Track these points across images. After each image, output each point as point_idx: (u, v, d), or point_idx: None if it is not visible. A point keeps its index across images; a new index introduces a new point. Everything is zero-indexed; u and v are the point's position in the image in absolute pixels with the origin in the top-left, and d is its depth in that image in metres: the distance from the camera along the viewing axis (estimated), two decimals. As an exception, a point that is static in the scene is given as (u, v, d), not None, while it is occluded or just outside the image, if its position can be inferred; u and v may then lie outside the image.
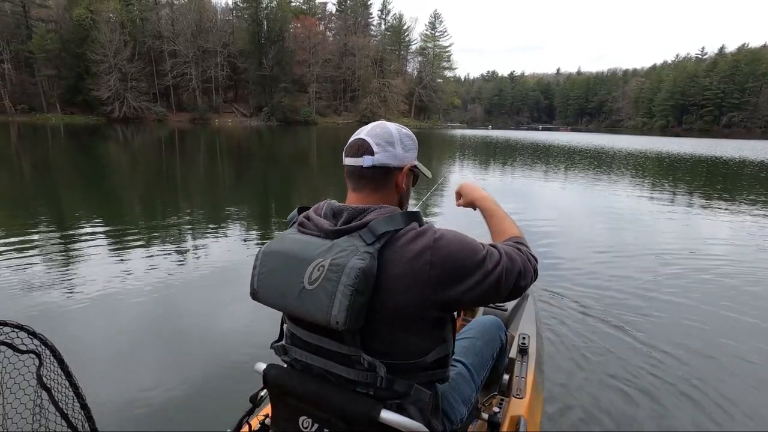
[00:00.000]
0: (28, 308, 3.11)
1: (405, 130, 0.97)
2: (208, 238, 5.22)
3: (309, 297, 0.81)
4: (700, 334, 3.05)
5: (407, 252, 0.81)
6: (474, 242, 0.87)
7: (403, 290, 0.80)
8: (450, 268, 0.81)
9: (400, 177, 0.95)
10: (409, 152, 0.96)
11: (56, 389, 0.92)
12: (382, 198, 0.93)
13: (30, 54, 44.33)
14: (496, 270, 0.85)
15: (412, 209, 0.94)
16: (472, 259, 0.84)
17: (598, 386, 2.40)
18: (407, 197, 1.01)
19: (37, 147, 18.63)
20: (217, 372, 2.42)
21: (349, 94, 63.82)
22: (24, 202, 7.37)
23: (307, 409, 0.87)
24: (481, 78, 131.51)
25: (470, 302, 0.86)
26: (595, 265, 4.45)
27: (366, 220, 0.84)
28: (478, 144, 27.90)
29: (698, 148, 28.18)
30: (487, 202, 1.23)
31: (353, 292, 0.76)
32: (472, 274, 0.83)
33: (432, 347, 0.87)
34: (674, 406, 2.24)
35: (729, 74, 72.52)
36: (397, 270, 0.80)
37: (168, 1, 54.77)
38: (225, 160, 15.93)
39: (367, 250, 0.79)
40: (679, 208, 8.21)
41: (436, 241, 0.82)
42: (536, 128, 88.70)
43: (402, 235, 0.83)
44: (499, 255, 0.88)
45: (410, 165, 0.97)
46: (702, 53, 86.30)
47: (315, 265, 0.81)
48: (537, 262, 0.97)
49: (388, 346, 0.84)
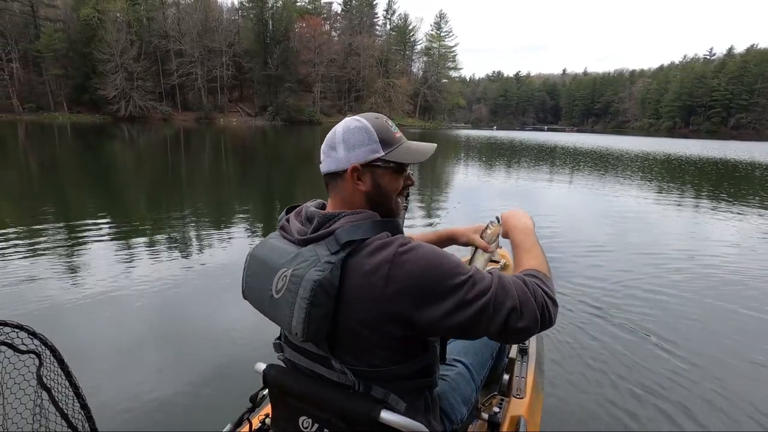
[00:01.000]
0: (28, 308, 3.12)
1: (355, 124, 0.88)
2: (211, 237, 5.23)
3: (276, 305, 0.82)
4: (702, 334, 3.03)
5: (366, 264, 0.77)
6: (453, 264, 0.77)
7: (359, 302, 0.77)
8: (411, 287, 0.75)
9: (348, 179, 0.87)
10: (353, 150, 0.86)
11: (56, 389, 0.92)
12: (346, 203, 0.89)
13: (38, 53, 44.66)
14: (479, 302, 0.75)
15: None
16: (442, 283, 0.75)
17: (598, 386, 2.39)
18: (386, 196, 0.90)
19: (45, 145, 18.80)
20: (218, 372, 2.41)
21: (353, 94, 63.82)
22: (29, 200, 7.42)
23: (307, 409, 0.86)
24: (487, 78, 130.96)
25: (450, 332, 0.79)
26: (596, 265, 4.42)
27: (332, 228, 0.81)
28: (481, 145, 27.74)
29: (707, 150, 27.89)
30: (521, 234, 1.06)
31: (308, 305, 0.75)
32: (442, 299, 0.75)
33: (403, 360, 0.83)
34: (675, 406, 2.23)
35: (737, 75, 71.81)
36: (355, 281, 0.77)
37: (174, 1, 54.98)
38: (230, 159, 15.99)
39: (329, 259, 0.76)
40: (686, 209, 8.15)
41: (398, 255, 0.76)
42: (541, 129, 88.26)
43: (367, 245, 0.79)
44: (489, 285, 0.77)
45: (355, 165, 0.86)
46: (710, 54, 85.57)
47: (280, 274, 0.81)
48: (554, 304, 0.82)
49: (353, 355, 0.82)
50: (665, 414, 2.17)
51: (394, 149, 0.88)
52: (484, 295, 0.75)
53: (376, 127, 0.88)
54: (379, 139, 0.87)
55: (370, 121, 0.89)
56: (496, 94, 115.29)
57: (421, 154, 0.92)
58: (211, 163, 14.50)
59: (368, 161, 0.86)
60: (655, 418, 2.15)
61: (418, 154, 0.91)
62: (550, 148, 25.98)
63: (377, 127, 0.88)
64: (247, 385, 1.14)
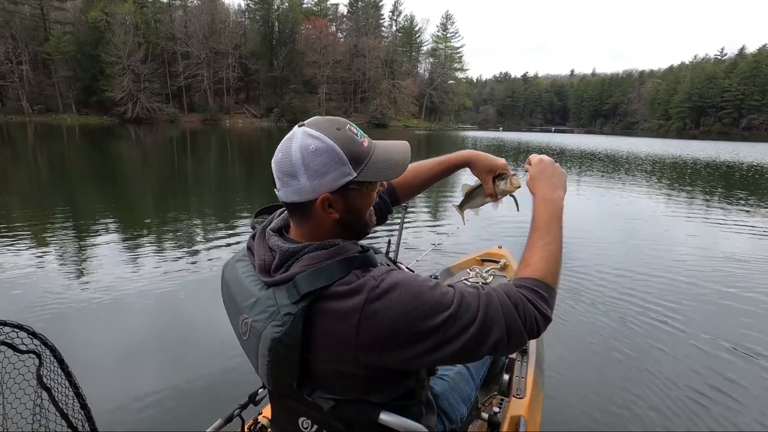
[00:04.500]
0: (29, 308, 3.11)
1: (315, 144, 0.71)
2: (215, 238, 5.17)
3: (245, 346, 0.80)
4: (705, 335, 2.99)
5: (334, 311, 0.69)
6: (432, 302, 0.69)
7: (329, 347, 0.71)
8: (386, 339, 0.68)
9: (317, 209, 0.75)
10: (321, 178, 0.72)
11: (56, 389, 0.92)
12: (313, 231, 0.78)
13: (47, 56, 45.37)
14: (461, 338, 0.69)
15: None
16: (419, 326, 0.68)
17: (599, 386, 2.39)
18: (359, 216, 0.81)
19: (53, 147, 19.02)
20: (218, 372, 2.41)
21: (359, 95, 64.03)
22: (36, 199, 7.48)
23: (306, 410, 0.84)
24: (494, 79, 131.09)
25: (428, 366, 0.77)
26: (596, 265, 4.37)
27: (291, 274, 0.71)
28: (485, 147, 27.44)
29: (720, 152, 27.34)
30: (545, 207, 0.90)
31: (269, 363, 0.72)
32: (419, 341, 0.69)
33: (380, 390, 0.78)
34: (675, 407, 2.23)
35: (749, 75, 70.86)
36: (323, 326, 0.70)
37: (181, 3, 55.59)
38: (235, 161, 16.05)
39: (290, 310, 0.69)
40: (696, 212, 7.97)
41: (368, 303, 0.67)
42: (548, 130, 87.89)
43: (333, 291, 0.70)
44: (473, 318, 0.70)
45: (326, 195, 0.73)
46: (721, 54, 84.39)
47: (242, 319, 0.77)
48: (546, 321, 0.76)
49: (326, 389, 0.76)
50: (666, 414, 2.17)
51: (367, 165, 0.75)
52: (467, 329, 0.69)
53: (341, 142, 0.72)
54: (348, 158, 0.72)
55: (331, 135, 0.72)
56: (503, 95, 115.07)
57: (397, 163, 0.79)
58: (216, 165, 14.55)
59: (339, 186, 0.73)
60: (655, 418, 2.14)
61: (395, 165, 0.79)
62: (558, 151, 25.30)
63: (342, 143, 0.72)
64: (248, 385, 1.15)
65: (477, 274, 2.27)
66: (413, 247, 4.82)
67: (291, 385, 0.75)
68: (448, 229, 5.54)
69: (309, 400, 0.76)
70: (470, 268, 2.37)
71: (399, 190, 1.18)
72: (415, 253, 4.62)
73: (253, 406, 1.10)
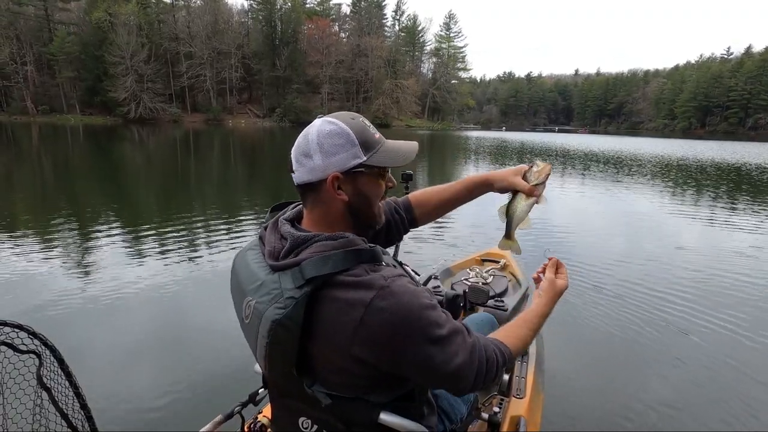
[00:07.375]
0: (29, 308, 3.11)
1: (331, 127, 0.78)
2: (216, 238, 5.17)
3: (246, 330, 0.81)
4: (706, 336, 2.97)
5: (339, 299, 0.71)
6: (432, 316, 0.73)
7: (328, 336, 0.72)
8: (384, 336, 0.70)
9: (327, 190, 0.79)
10: (333, 157, 0.77)
11: (56, 389, 0.92)
12: (324, 217, 0.82)
13: (51, 56, 45.58)
14: (444, 369, 0.73)
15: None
16: (415, 337, 0.71)
17: (599, 386, 2.38)
18: (369, 203, 0.84)
19: (57, 147, 19.10)
20: (218, 372, 2.41)
21: (361, 95, 63.95)
22: (39, 200, 7.51)
23: (306, 410, 0.84)
24: (497, 79, 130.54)
25: (415, 379, 0.79)
26: (596, 265, 4.35)
27: (299, 259, 0.74)
28: (486, 148, 26.97)
29: (727, 153, 27.06)
30: (542, 312, 0.98)
31: (267, 344, 0.73)
32: (413, 348, 0.71)
33: (380, 390, 0.79)
34: (675, 407, 2.22)
35: (756, 74, 70.01)
36: (325, 314, 0.71)
37: (185, 4, 55.71)
38: (238, 160, 16.08)
39: (293, 294, 0.70)
40: (701, 214, 7.91)
41: (376, 299, 0.69)
42: (552, 130, 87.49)
43: (341, 279, 0.72)
44: (455, 354, 0.74)
45: (335, 174, 0.78)
46: (728, 53, 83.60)
47: (246, 302, 0.79)
48: (491, 383, 0.83)
49: (323, 380, 0.77)
50: (666, 414, 2.16)
51: (376, 152, 0.81)
52: (449, 362, 0.73)
53: (354, 128, 0.79)
54: (359, 142, 0.79)
55: (347, 122, 0.79)
56: (507, 94, 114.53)
57: (404, 154, 0.86)
58: (219, 164, 14.59)
59: (349, 168, 0.79)
60: (656, 418, 2.13)
61: (402, 155, 0.85)
62: (563, 152, 24.08)
63: (355, 129, 0.79)
64: (248, 385, 1.15)
65: (477, 273, 2.25)
66: (413, 247, 4.80)
67: (290, 372, 0.75)
68: (448, 229, 5.53)
69: (308, 392, 0.76)
70: (470, 268, 2.35)
71: (417, 208, 1.15)
72: (416, 254, 4.61)
73: (253, 405, 1.10)
